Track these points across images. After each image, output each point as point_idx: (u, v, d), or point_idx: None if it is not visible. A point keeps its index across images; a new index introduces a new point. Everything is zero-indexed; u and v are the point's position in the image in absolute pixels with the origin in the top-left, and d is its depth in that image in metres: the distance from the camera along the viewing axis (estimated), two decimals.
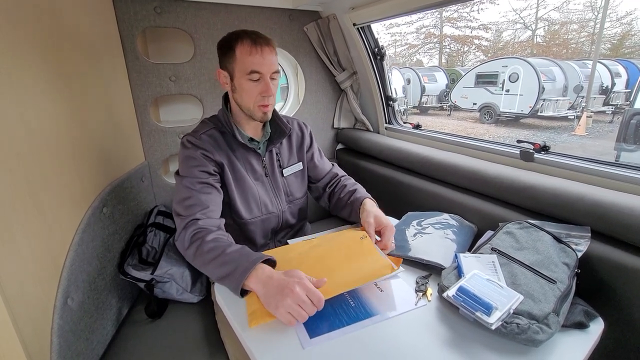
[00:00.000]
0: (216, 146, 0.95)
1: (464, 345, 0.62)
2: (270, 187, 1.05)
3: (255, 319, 0.67)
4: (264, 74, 0.89)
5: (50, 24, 0.84)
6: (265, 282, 0.69)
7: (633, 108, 3.15)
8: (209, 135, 0.96)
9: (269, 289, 0.67)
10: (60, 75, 0.87)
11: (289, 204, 1.09)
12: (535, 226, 0.86)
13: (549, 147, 1.11)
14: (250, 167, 1.01)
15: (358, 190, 1.06)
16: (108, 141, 1.11)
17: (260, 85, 0.89)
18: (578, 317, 0.68)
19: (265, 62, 0.88)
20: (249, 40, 0.87)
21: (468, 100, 10.59)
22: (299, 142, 1.12)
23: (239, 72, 0.89)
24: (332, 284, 0.71)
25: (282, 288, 0.65)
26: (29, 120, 0.72)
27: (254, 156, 1.01)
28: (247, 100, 0.92)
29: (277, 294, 0.65)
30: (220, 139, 0.97)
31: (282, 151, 1.08)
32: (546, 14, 19.54)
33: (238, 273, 0.71)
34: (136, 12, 1.28)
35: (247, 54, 0.87)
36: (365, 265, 0.78)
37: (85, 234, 0.89)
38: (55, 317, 0.73)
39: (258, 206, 1.02)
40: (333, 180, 1.15)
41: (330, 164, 1.19)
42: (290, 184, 1.09)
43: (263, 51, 0.87)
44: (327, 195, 1.14)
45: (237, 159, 0.98)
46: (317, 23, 1.66)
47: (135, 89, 1.33)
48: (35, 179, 0.72)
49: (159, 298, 1.10)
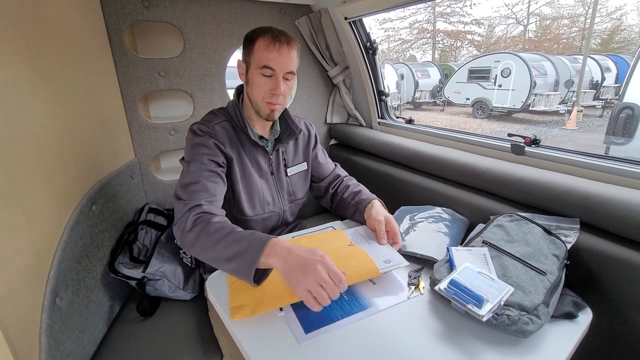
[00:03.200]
0: (228, 139, 0.93)
1: (455, 337, 0.63)
2: (274, 185, 1.04)
3: (240, 313, 0.66)
4: (277, 71, 0.87)
5: (33, 17, 0.81)
6: (284, 257, 0.64)
7: (622, 102, 3.19)
8: (222, 127, 0.94)
9: (289, 265, 0.63)
10: (45, 71, 0.84)
11: (290, 203, 1.08)
12: (525, 219, 0.87)
13: (540, 140, 1.12)
14: (257, 164, 1.00)
15: (363, 192, 1.06)
16: (96, 138, 1.09)
17: (271, 82, 0.88)
18: (567, 307, 0.69)
19: (280, 59, 0.86)
20: (270, 35, 0.86)
21: (461, 95, 10.65)
22: (305, 141, 1.11)
23: (254, 64, 0.88)
24: None
25: (304, 265, 0.61)
26: (11, 118, 0.70)
27: (261, 153, 1.00)
28: (257, 94, 0.90)
29: (297, 271, 0.61)
30: (232, 132, 0.95)
31: (288, 150, 1.07)
32: (538, 9, 19.68)
33: (252, 249, 0.66)
34: (123, 6, 1.25)
35: (264, 48, 0.86)
36: (353, 267, 0.77)
37: (74, 233, 0.87)
38: (43, 317, 0.71)
39: (261, 204, 1.01)
40: (336, 180, 1.15)
41: (333, 164, 1.19)
42: (294, 184, 1.08)
43: (281, 48, 0.86)
44: (330, 196, 1.14)
45: (245, 154, 0.97)
46: (308, 17, 1.64)
47: (123, 85, 1.30)
48: (19, 178, 0.70)
49: (151, 296, 1.09)
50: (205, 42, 1.44)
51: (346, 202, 1.06)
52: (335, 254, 0.82)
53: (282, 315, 0.68)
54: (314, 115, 1.85)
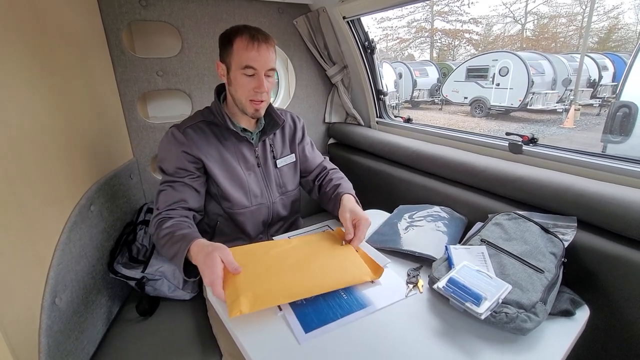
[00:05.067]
0: (199, 140, 0.95)
1: (454, 335, 0.63)
2: (261, 177, 1.05)
3: (237, 308, 0.65)
4: (259, 70, 0.89)
5: (30, 17, 0.81)
6: (196, 254, 0.76)
7: (619, 100, 3.20)
8: (195, 128, 0.96)
9: (200, 257, 0.74)
10: (42, 71, 0.84)
11: (281, 195, 1.09)
12: (523, 217, 0.88)
13: (537, 139, 1.12)
14: (242, 157, 1.01)
15: (342, 185, 1.06)
16: (94, 138, 1.08)
17: (254, 81, 0.90)
18: (565, 305, 0.69)
19: (260, 59, 0.88)
20: (247, 35, 0.88)
21: (459, 94, 10.66)
22: (291, 134, 1.12)
23: (235, 65, 0.90)
24: (311, 283, 0.72)
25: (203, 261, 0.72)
26: (9, 118, 0.70)
27: (246, 146, 1.01)
28: (241, 94, 0.92)
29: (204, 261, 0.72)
30: (208, 131, 0.97)
31: (276, 142, 1.08)
32: (535, 8, 19.71)
33: (181, 252, 0.77)
34: (121, 5, 1.24)
35: (243, 49, 0.87)
36: (345, 270, 0.78)
37: (73, 233, 0.87)
38: (43, 317, 0.71)
39: (247, 196, 1.02)
40: (322, 173, 1.16)
41: (321, 157, 1.19)
42: (284, 176, 1.09)
43: (260, 47, 0.88)
44: (316, 188, 1.14)
45: (226, 149, 0.98)
46: (306, 16, 1.64)
47: (121, 85, 1.30)
48: (17, 178, 0.70)
49: (151, 296, 1.09)
50: (204, 41, 1.43)
51: (327, 195, 1.06)
52: (329, 255, 0.82)
53: (281, 314, 0.68)
54: (313, 115, 1.85)
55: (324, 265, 0.79)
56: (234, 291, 0.69)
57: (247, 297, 0.67)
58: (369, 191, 1.56)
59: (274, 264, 0.78)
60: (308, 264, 0.79)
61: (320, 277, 0.74)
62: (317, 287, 0.72)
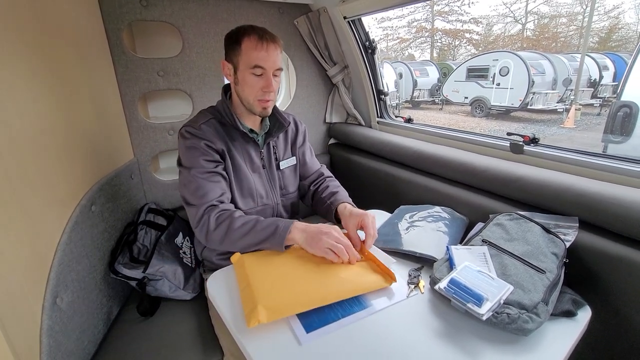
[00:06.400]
0: (216, 135, 0.96)
1: (456, 336, 0.63)
2: (266, 178, 1.06)
3: (255, 318, 0.64)
4: (267, 69, 0.90)
5: (30, 17, 0.81)
6: (304, 229, 0.83)
7: (620, 100, 3.20)
8: (209, 125, 0.97)
9: (309, 233, 0.82)
10: (43, 71, 0.84)
11: (282, 197, 1.10)
12: (524, 217, 0.87)
13: (538, 139, 1.12)
14: (249, 157, 1.02)
15: (339, 193, 1.07)
16: (95, 138, 1.08)
17: (262, 81, 0.91)
18: (566, 305, 0.69)
19: (269, 58, 0.89)
20: (256, 36, 0.88)
21: (459, 94, 10.65)
22: (293, 137, 1.13)
23: (243, 65, 0.90)
24: (327, 291, 0.71)
25: (321, 231, 0.81)
26: (9, 118, 0.70)
27: (252, 147, 1.02)
28: (249, 93, 0.93)
29: (317, 235, 0.80)
30: (220, 128, 0.98)
31: (279, 145, 1.09)
32: (536, 8, 19.69)
33: (280, 229, 0.83)
34: (121, 5, 1.24)
35: (252, 49, 0.88)
36: (361, 277, 0.77)
37: (74, 233, 0.87)
38: (44, 317, 0.71)
39: (254, 197, 1.03)
40: (319, 179, 1.17)
41: (319, 164, 1.21)
42: (285, 178, 1.10)
43: (268, 47, 0.89)
44: (311, 193, 1.16)
45: (235, 149, 0.99)
46: (307, 16, 1.64)
47: (122, 85, 1.30)
48: (18, 178, 0.70)
49: (152, 296, 1.09)
50: (204, 41, 1.43)
51: (323, 200, 1.07)
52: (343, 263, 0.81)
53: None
54: (313, 115, 1.85)
55: (339, 272, 0.78)
56: (251, 301, 0.69)
57: (265, 307, 0.66)
58: (370, 191, 1.56)
59: (289, 271, 0.78)
60: (323, 271, 0.78)
61: (336, 284, 0.74)
62: (333, 294, 0.71)
